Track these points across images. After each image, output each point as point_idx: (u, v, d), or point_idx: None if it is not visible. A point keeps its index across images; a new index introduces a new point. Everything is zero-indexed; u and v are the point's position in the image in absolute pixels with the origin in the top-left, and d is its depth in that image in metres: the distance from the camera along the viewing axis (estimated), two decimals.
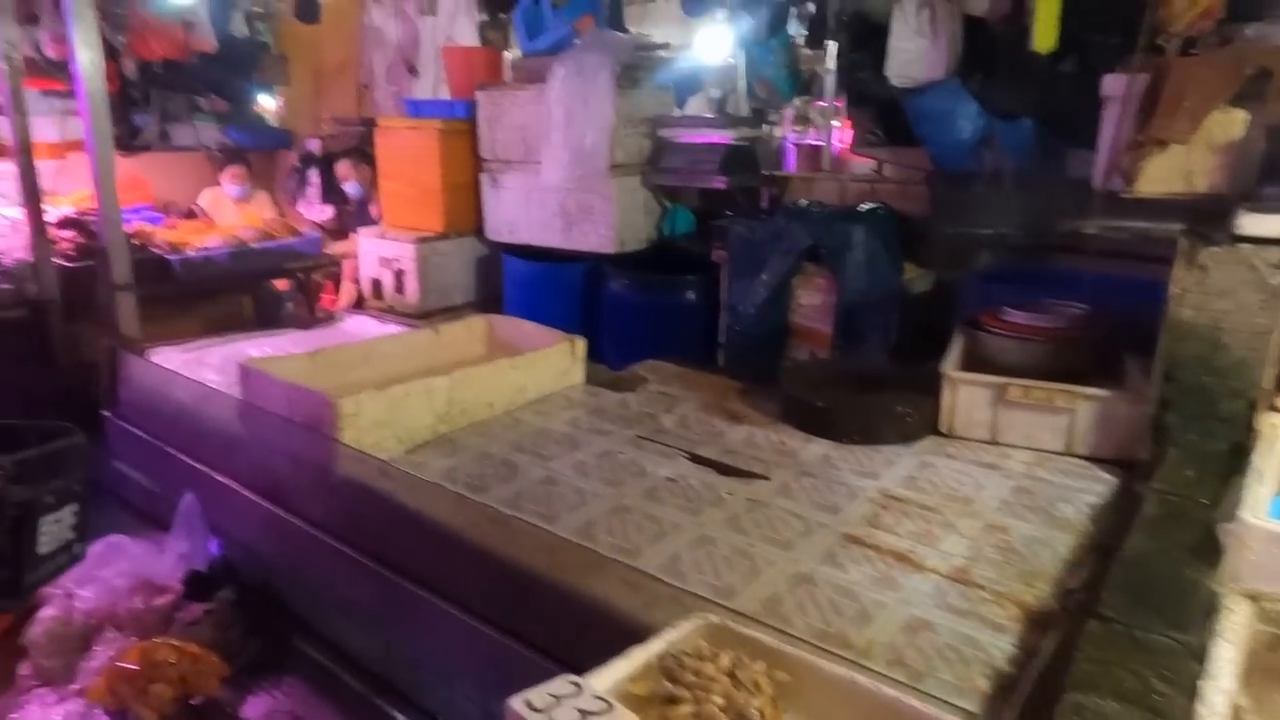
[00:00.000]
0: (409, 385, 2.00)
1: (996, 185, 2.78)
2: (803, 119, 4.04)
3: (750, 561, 1.53)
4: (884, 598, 1.43)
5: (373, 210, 4.72)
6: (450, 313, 4.18)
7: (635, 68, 3.55)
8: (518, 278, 3.94)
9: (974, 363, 2.18)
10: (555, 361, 2.39)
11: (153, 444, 2.43)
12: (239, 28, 5.80)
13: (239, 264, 3.44)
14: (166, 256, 3.23)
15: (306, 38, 6.05)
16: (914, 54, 2.90)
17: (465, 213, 4.15)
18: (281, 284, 3.81)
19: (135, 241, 3.23)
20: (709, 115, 3.82)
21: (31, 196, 2.98)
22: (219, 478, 2.21)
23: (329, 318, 3.29)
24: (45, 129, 5.65)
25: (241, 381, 2.11)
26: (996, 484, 1.85)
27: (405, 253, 4.03)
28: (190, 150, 6.05)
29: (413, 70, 5.15)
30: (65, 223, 3.16)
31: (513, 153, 3.89)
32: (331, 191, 5.20)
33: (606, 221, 3.62)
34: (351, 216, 5.19)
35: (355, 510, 1.84)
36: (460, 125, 4.02)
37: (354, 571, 1.85)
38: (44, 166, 5.56)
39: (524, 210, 3.91)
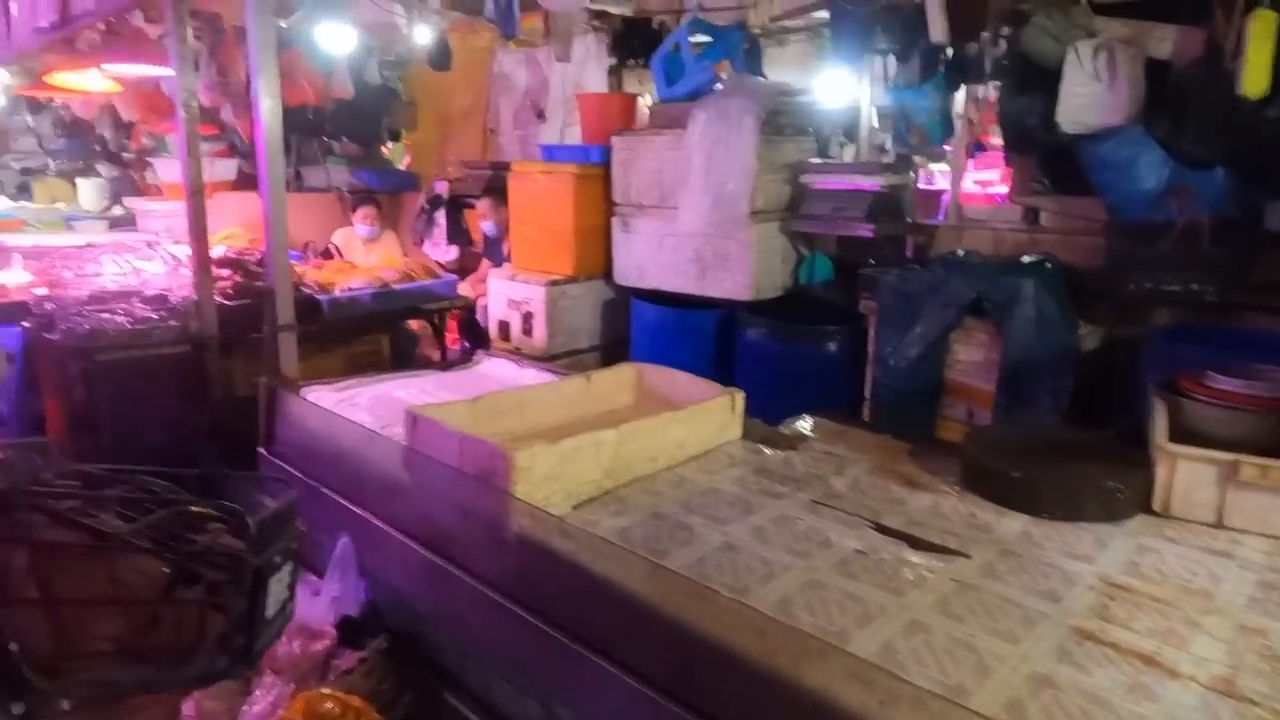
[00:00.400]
0: (579, 439, 1.93)
1: (1187, 237, 2.57)
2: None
3: (975, 655, 1.39)
4: (1144, 710, 1.26)
5: (504, 250, 4.78)
6: (576, 356, 4.16)
7: (778, 113, 3.49)
8: (647, 322, 3.89)
9: (1179, 433, 1.98)
10: (716, 415, 2.30)
11: (309, 484, 2.44)
12: (372, 75, 6.04)
13: (381, 304, 3.50)
14: (317, 296, 3.30)
15: (435, 85, 6.25)
16: (1089, 99, 2.74)
17: (594, 256, 4.14)
18: (414, 324, 3.87)
19: (308, 281, 3.33)
20: (852, 161, 3.72)
21: (199, 237, 3.10)
22: (376, 522, 2.19)
23: (466, 359, 3.29)
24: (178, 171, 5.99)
25: (409, 428, 2.09)
26: (1235, 576, 1.64)
27: (535, 295, 4.04)
28: (322, 191, 6.32)
29: (540, 115, 5.24)
30: (224, 262, 3.28)
31: (646, 197, 3.86)
32: (458, 233, 5.31)
33: (743, 268, 3.54)
34: (474, 258, 5.29)
35: (527, 567, 1.77)
36: (594, 170, 4.03)
37: (520, 630, 1.77)
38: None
39: (655, 255, 3.87)
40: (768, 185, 3.51)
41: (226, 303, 3.09)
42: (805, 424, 2.53)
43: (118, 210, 8.91)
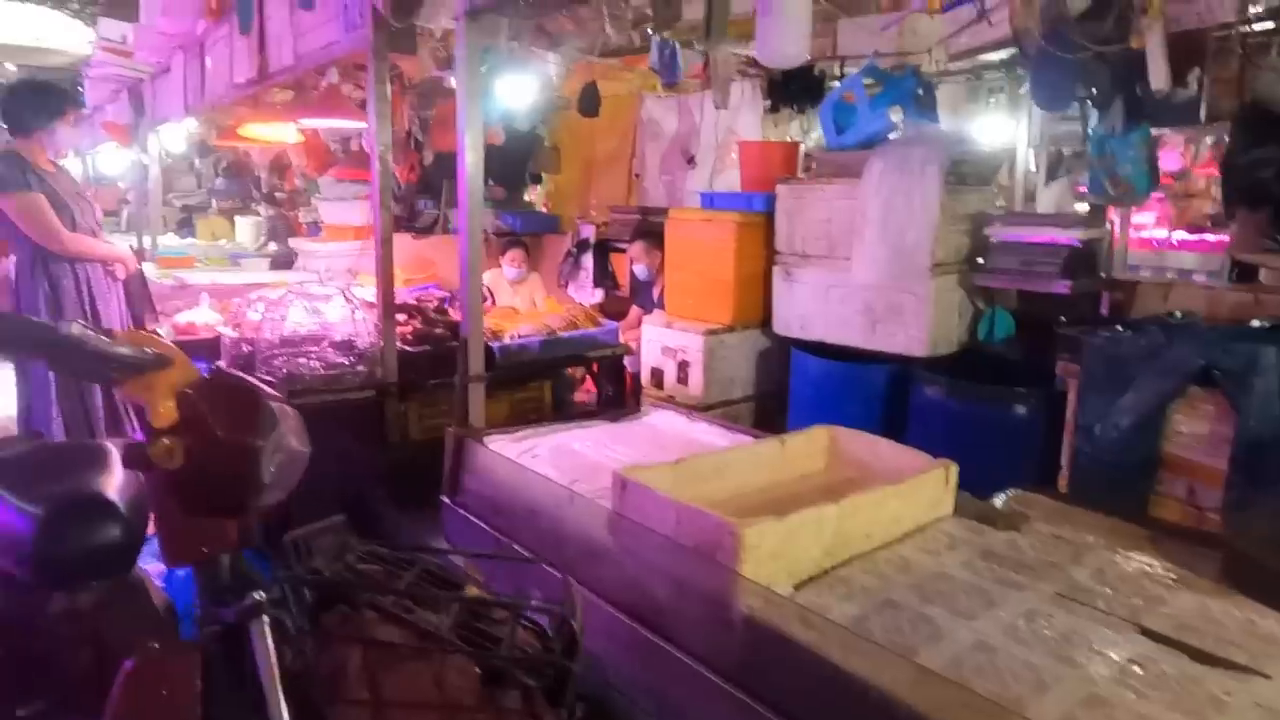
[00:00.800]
0: (803, 514, 1.83)
1: None
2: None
3: None
4: None
5: (654, 295, 4.76)
6: (731, 406, 4.07)
7: (961, 162, 3.33)
8: (811, 375, 3.76)
9: None
10: (930, 490, 2.15)
11: (498, 538, 2.42)
12: (521, 121, 6.21)
13: (548, 352, 3.51)
14: (490, 344, 3.33)
15: (581, 130, 6.37)
16: None
17: (753, 305, 4.06)
18: (572, 371, 3.88)
19: None
20: (1043, 213, 3.52)
21: (386, 283, 3.18)
22: (575, 584, 2.13)
23: (633, 409, 3.25)
24: (346, 214, 6.28)
25: (617, 492, 2.04)
26: None
27: (692, 343, 3.98)
28: None
29: (690, 161, 5.23)
30: (404, 308, 3.37)
31: (813, 247, 3.76)
32: (604, 276, 5.34)
33: (920, 322, 3.38)
34: (619, 301, 5.30)
35: (755, 651, 1.67)
36: (756, 218, 3.96)
37: (737, 716, 1.67)
38: (348, 248, 6.16)
39: (820, 306, 3.75)
40: (949, 237, 3.35)
41: (407, 349, 3.15)
42: (1013, 498, 2.35)
43: (272, 247, 9.48)
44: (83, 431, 3.45)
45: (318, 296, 4.08)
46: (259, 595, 1.01)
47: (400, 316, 3.40)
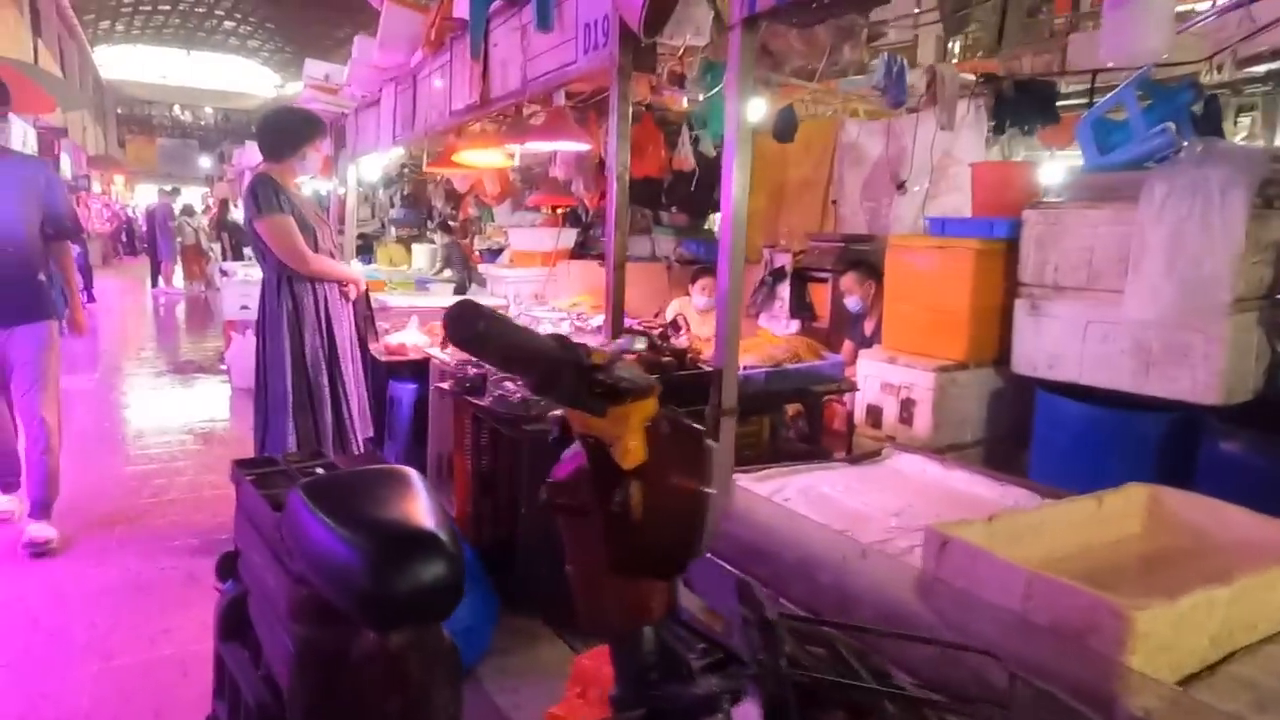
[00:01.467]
0: (1194, 596, 1.50)
1: None
2: None
3: None
4: None
5: (866, 328, 4.47)
6: (958, 450, 3.71)
7: (1271, 183, 2.89)
8: (1065, 421, 3.35)
9: None
10: None
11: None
12: (707, 147, 6.10)
13: (774, 384, 3.29)
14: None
15: (769, 155, 6.17)
16: None
17: (988, 341, 3.70)
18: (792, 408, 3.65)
19: (691, 356, 3.23)
20: None
21: (617, 308, 3.07)
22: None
23: (874, 452, 2.96)
24: (535, 240, 6.34)
25: (933, 550, 1.78)
26: None
27: (920, 381, 3.67)
28: (643, 260, 6.45)
29: (900, 187, 4.93)
30: (635, 333, 3.26)
31: (1069, 278, 3.37)
32: (802, 307, 5.09)
33: (1211, 365, 2.94)
34: (817, 334, 5.03)
35: None
36: (995, 245, 3.62)
37: None
38: (536, 274, 6.23)
39: (1075, 344, 3.35)
40: (1252, 269, 2.91)
41: None
42: None
43: (448, 273, 9.78)
44: (312, 447, 3.53)
45: (537, 321, 4.04)
46: (719, 684, 0.84)
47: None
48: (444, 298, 6.10)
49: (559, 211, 7.74)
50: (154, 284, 15.00)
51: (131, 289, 15.61)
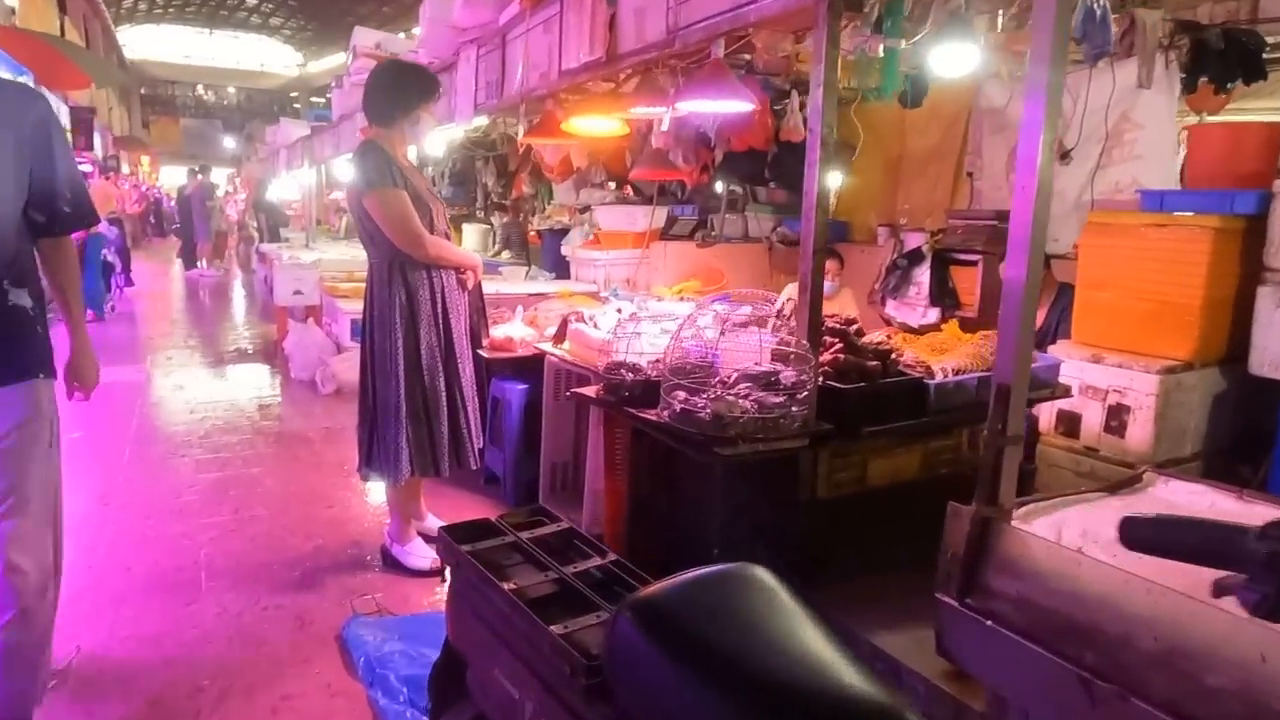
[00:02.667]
0: None
1: None
2: None
3: None
4: None
5: (1036, 319, 3.89)
6: (1177, 465, 3.15)
7: None
8: None
9: None
10: None
11: (1058, 664, 1.66)
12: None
13: (985, 391, 2.73)
14: (926, 380, 2.61)
15: (888, 122, 5.58)
16: None
17: (1216, 337, 3.13)
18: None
19: (896, 359, 2.68)
20: None
21: (814, 305, 2.52)
22: None
23: (1133, 478, 2.41)
24: (626, 220, 5.78)
25: None
26: None
27: (1139, 384, 3.10)
28: (738, 241, 5.89)
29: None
30: (831, 332, 2.70)
31: None
32: (944, 293, 4.51)
33: None
34: (968, 325, 4.45)
35: None
36: (1235, 223, 3.03)
37: None
38: (628, 256, 5.68)
39: None
40: None
41: (841, 386, 2.47)
42: None
43: (506, 255, 9.24)
44: (427, 460, 3.02)
45: (660, 319, 3.50)
46: None
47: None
48: (540, 284, 5.56)
49: (632, 187, 7.17)
50: (189, 266, 14.58)
51: (165, 272, 15.21)
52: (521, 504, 3.78)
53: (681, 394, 2.49)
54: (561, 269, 6.95)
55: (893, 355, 2.69)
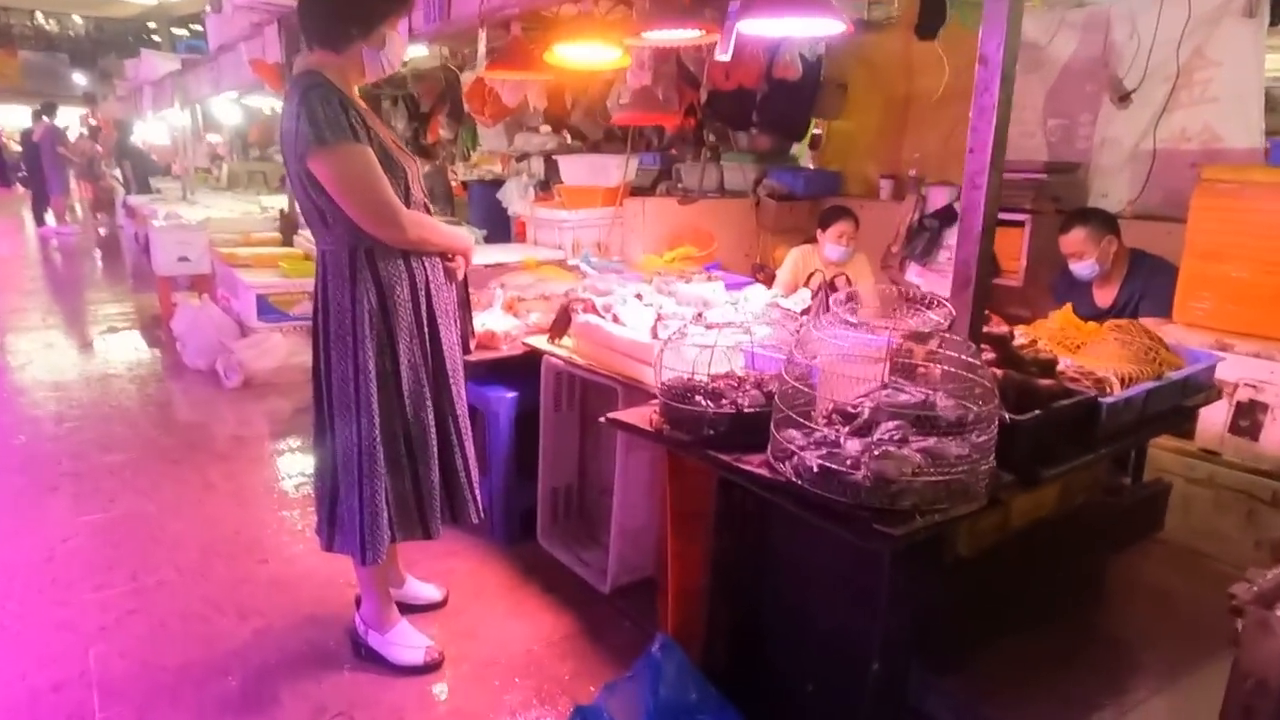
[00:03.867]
0: None
1: None
2: None
3: None
4: None
5: (1099, 297, 3.34)
6: None
7: None
8: None
9: None
10: None
11: None
12: (816, 48, 4.76)
13: (1152, 406, 2.14)
14: (1099, 398, 1.98)
15: (890, 60, 4.90)
16: None
17: None
18: None
19: (1070, 373, 2.03)
20: None
21: (979, 302, 1.84)
22: None
23: None
24: (594, 173, 4.90)
25: None
26: None
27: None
28: (713, 196, 5.12)
29: (1123, 99, 3.75)
30: (990, 339, 2.01)
31: None
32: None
33: None
34: (1012, 295, 3.90)
35: None
36: None
37: None
38: (598, 216, 4.83)
39: None
40: None
41: (1015, 418, 1.80)
42: None
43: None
44: (414, 525, 2.21)
45: (698, 305, 2.76)
46: None
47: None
48: (492, 251, 4.64)
49: (571, 133, 6.29)
50: (39, 222, 12.64)
51: (12, 231, 13.20)
52: (514, 542, 3.01)
53: (797, 436, 1.77)
54: (495, 227, 6.03)
55: (1064, 372, 2.05)
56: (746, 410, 1.91)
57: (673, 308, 2.57)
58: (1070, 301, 3.41)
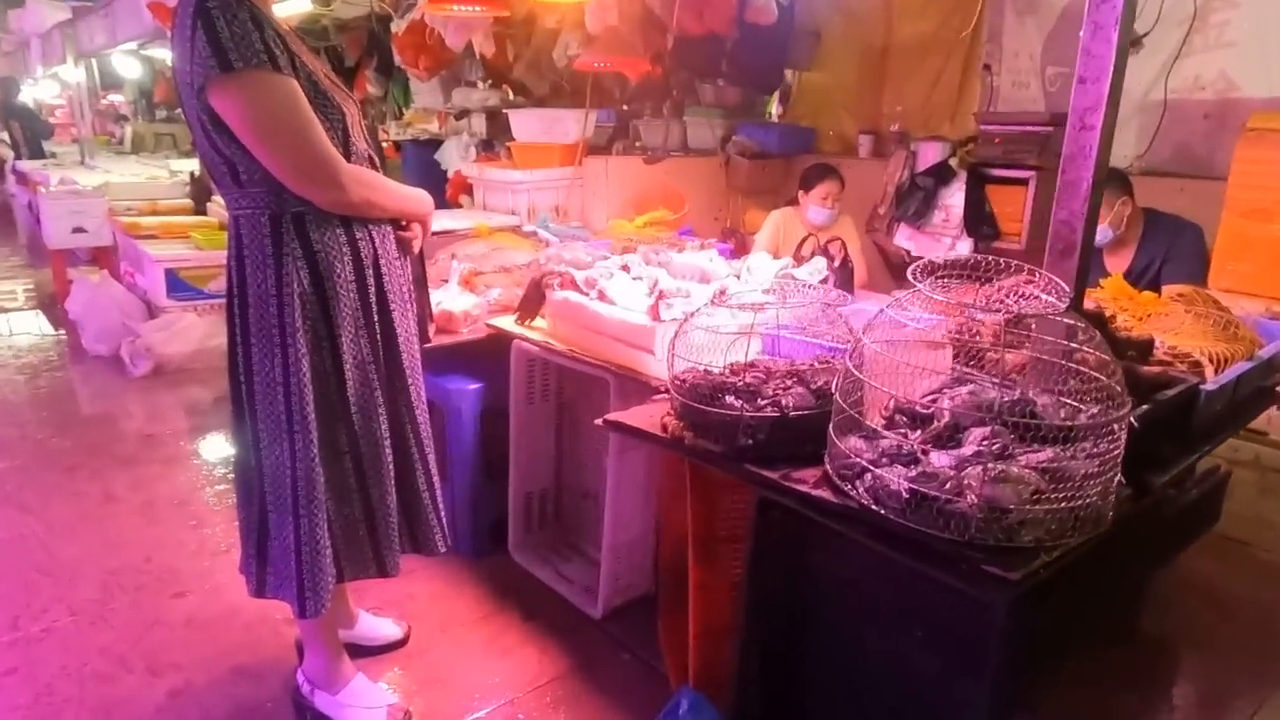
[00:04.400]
0: None
1: None
2: None
3: None
4: None
5: (1110, 263, 3.03)
6: None
7: None
8: None
9: None
10: None
11: None
12: None
13: (1242, 390, 1.83)
14: (1199, 384, 1.65)
15: (859, 6, 4.51)
16: None
17: None
18: None
19: (1160, 354, 1.69)
20: None
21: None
22: None
23: None
24: (550, 129, 4.40)
25: None
26: None
27: None
28: (677, 155, 4.70)
29: (1133, 43, 3.44)
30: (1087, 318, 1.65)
31: None
32: (980, 219, 3.60)
33: None
34: (1014, 257, 3.58)
35: None
36: None
37: None
38: (556, 177, 4.35)
39: None
40: None
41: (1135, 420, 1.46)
42: None
43: None
44: (365, 563, 1.78)
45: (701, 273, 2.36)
46: None
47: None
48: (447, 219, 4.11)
49: (513, 87, 5.76)
50: None
51: None
52: (483, 556, 2.59)
53: (862, 446, 1.40)
54: (433, 190, 5.47)
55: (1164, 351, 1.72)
56: (793, 414, 1.52)
57: (669, 282, 2.16)
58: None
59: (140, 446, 3.48)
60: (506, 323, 2.51)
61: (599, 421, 1.84)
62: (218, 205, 5.32)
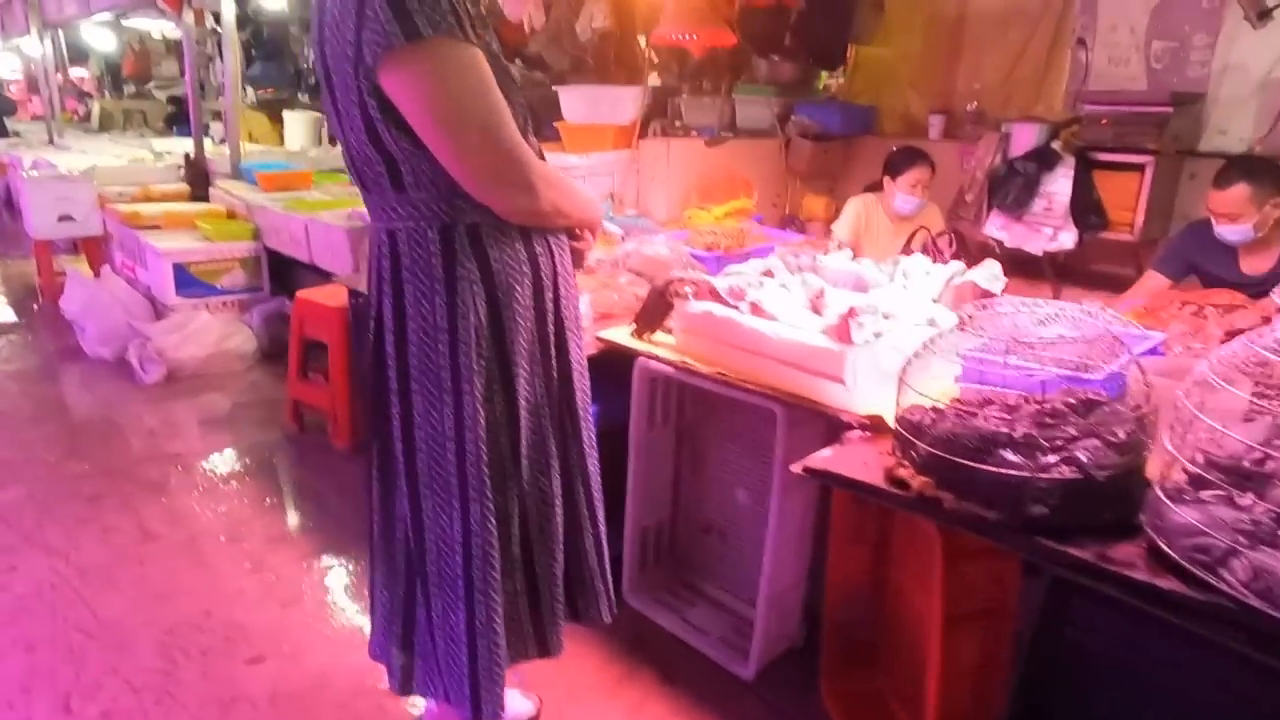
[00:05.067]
0: None
1: None
2: None
3: None
4: None
5: (1245, 266, 2.75)
6: None
7: None
8: None
9: None
10: None
11: None
12: None
13: None
14: None
15: None
16: None
17: None
18: None
19: None
20: None
21: None
22: None
23: None
24: (610, 109, 4.04)
25: None
26: None
27: None
28: (727, 137, 4.36)
29: (1263, 14, 3.17)
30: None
31: None
32: (1088, 208, 3.34)
33: None
34: (1115, 252, 3.34)
35: None
36: None
37: None
38: (610, 161, 3.98)
39: None
40: None
41: None
42: None
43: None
44: (528, 644, 1.46)
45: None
46: None
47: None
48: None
49: (526, 61, 5.37)
50: None
51: None
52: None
53: (1222, 518, 1.11)
54: None
55: None
56: (1100, 474, 1.23)
57: (851, 296, 1.86)
58: (1203, 266, 2.86)
59: (168, 469, 3.10)
60: (622, 335, 2.19)
61: (797, 468, 1.54)
62: (223, 192, 4.88)
